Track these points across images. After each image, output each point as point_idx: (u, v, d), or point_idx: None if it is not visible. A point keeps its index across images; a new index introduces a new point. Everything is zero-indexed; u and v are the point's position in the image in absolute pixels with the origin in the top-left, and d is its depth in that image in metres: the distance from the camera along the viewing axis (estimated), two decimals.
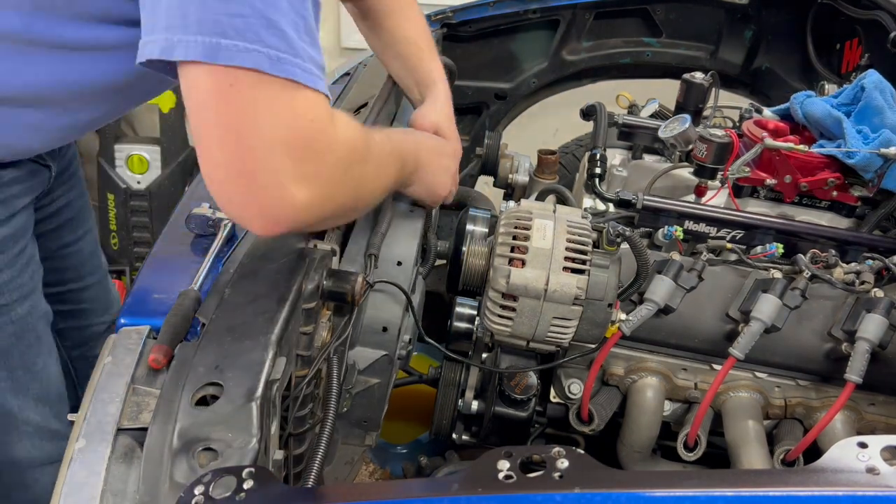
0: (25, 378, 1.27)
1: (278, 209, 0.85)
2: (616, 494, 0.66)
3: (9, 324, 1.21)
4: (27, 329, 1.25)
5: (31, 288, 1.25)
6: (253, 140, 0.81)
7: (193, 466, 0.71)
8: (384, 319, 1.19)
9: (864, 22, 1.92)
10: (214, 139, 0.83)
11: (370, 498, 0.73)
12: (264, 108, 0.81)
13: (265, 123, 0.81)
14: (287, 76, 0.81)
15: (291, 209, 0.85)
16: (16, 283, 1.21)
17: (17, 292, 1.21)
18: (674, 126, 1.56)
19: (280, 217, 0.86)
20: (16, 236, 1.20)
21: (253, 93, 0.80)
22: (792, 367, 1.24)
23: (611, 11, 2.25)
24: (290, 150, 0.83)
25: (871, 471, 0.69)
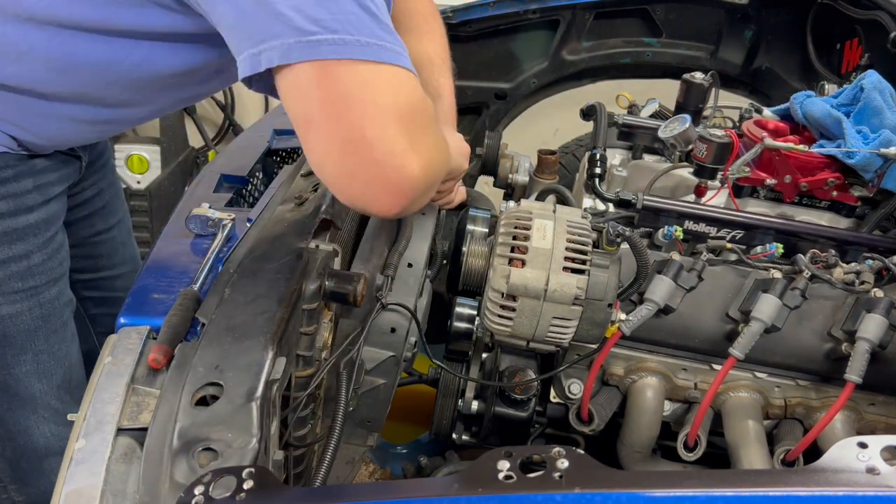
0: (49, 363, 1.30)
1: (400, 179, 0.91)
2: (616, 494, 0.66)
3: (37, 307, 1.26)
4: (53, 314, 1.29)
5: (60, 274, 1.30)
6: (364, 119, 0.88)
7: (193, 466, 0.71)
8: (393, 321, 1.19)
9: (864, 22, 1.92)
10: (324, 129, 0.90)
11: (370, 498, 0.73)
12: (368, 90, 0.88)
13: (371, 101, 0.88)
14: (379, 59, 0.88)
15: (411, 178, 0.91)
16: (45, 266, 1.26)
17: (45, 276, 1.26)
18: (674, 126, 1.56)
19: (404, 187, 0.92)
20: (48, 222, 1.25)
21: (353, 77, 0.88)
22: (792, 367, 1.24)
23: (611, 11, 2.25)
24: (399, 123, 0.89)
25: (872, 471, 0.69)
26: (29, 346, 1.27)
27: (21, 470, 1.35)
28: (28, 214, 1.22)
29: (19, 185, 1.20)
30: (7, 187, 1.18)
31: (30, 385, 1.30)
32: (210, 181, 1.33)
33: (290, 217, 1.06)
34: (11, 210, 1.20)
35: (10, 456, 1.35)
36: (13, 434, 1.33)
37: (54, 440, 1.34)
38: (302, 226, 1.01)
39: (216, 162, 1.38)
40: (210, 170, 1.36)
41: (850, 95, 1.53)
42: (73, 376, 1.35)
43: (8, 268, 1.22)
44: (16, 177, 1.19)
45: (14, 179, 1.19)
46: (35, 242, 1.24)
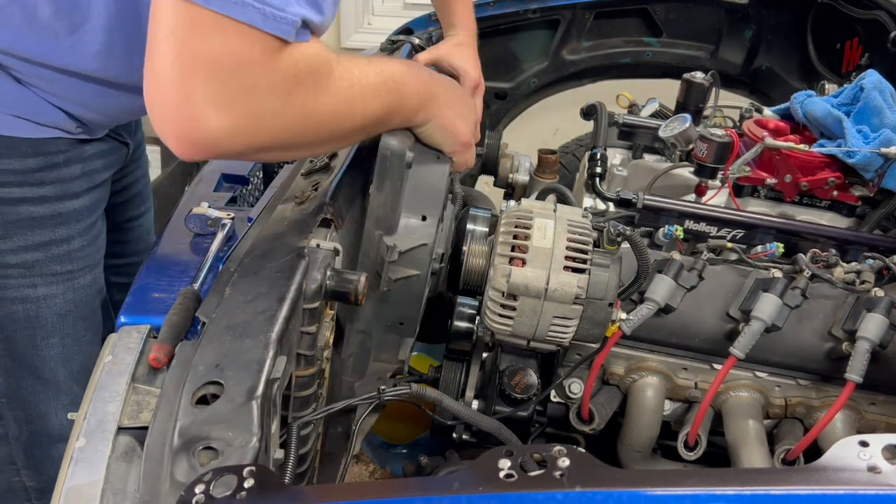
0: (73, 349, 1.33)
1: (192, 130, 0.85)
2: (617, 493, 0.66)
3: (70, 291, 1.30)
4: (85, 300, 1.33)
5: (96, 261, 1.35)
6: (180, 57, 0.82)
7: (194, 465, 0.71)
8: (424, 210, 1.15)
9: (865, 22, 1.92)
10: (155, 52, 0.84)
11: (370, 497, 0.72)
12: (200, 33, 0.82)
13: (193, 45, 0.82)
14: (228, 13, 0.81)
15: (204, 132, 0.85)
16: (84, 252, 1.30)
17: (83, 262, 1.30)
18: (674, 125, 1.56)
19: (193, 138, 0.86)
20: (91, 209, 1.30)
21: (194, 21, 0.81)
22: (792, 367, 1.24)
23: (611, 11, 2.25)
24: (211, 74, 0.83)
25: (873, 469, 0.69)
26: (58, 329, 1.30)
27: (34, 456, 1.37)
28: (74, 200, 1.25)
29: (69, 170, 1.23)
30: (57, 172, 1.21)
31: (55, 369, 1.32)
32: (210, 181, 1.33)
33: (291, 216, 1.06)
34: (59, 195, 1.23)
35: (25, 440, 1.36)
36: (32, 418, 1.34)
37: (67, 428, 1.35)
38: (302, 225, 1.01)
39: (216, 162, 1.38)
40: (210, 169, 1.36)
41: (850, 95, 1.53)
42: (91, 366, 1.36)
43: (49, 250, 1.25)
44: (66, 162, 1.22)
45: (64, 165, 1.22)
46: (77, 228, 1.28)
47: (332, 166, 1.18)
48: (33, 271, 1.25)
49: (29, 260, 1.24)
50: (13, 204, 1.20)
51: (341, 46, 3.37)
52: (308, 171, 1.20)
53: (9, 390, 1.32)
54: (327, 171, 1.17)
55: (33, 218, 1.23)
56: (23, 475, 1.39)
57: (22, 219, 1.22)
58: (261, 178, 1.48)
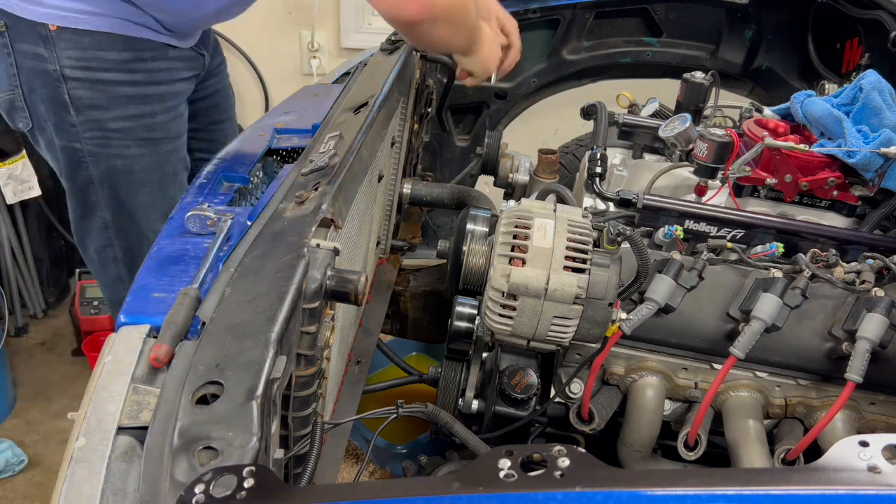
0: (160, 199, 1.77)
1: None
2: (617, 493, 0.66)
3: (155, 154, 1.75)
4: (167, 162, 1.77)
5: (177, 135, 1.79)
6: None
7: (194, 465, 0.70)
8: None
9: (865, 21, 1.92)
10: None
11: (370, 497, 0.72)
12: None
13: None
14: None
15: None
16: (166, 126, 1.75)
17: (165, 132, 1.75)
18: (674, 125, 1.56)
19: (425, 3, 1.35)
20: (173, 96, 1.75)
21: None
22: (792, 367, 1.24)
23: (611, 11, 2.25)
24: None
25: (873, 469, 0.69)
26: (146, 182, 1.75)
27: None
28: (157, 86, 1.70)
29: (154, 64, 1.68)
30: (145, 64, 1.67)
31: (146, 213, 1.77)
32: (210, 181, 1.33)
33: (291, 216, 1.06)
34: (146, 80, 1.68)
35: (129, 262, 1.83)
36: (131, 245, 1.80)
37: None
38: (302, 224, 1.01)
39: (216, 161, 1.38)
40: (210, 169, 1.36)
41: (849, 95, 1.53)
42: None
43: (139, 121, 1.69)
44: (153, 58, 1.67)
45: (151, 60, 1.67)
46: (160, 107, 1.72)
47: (332, 166, 1.18)
48: (128, 135, 1.69)
49: (124, 126, 1.68)
50: (114, 85, 1.65)
51: (341, 46, 3.37)
52: (308, 171, 1.20)
53: (115, 224, 1.79)
54: (327, 171, 1.17)
55: (128, 96, 1.67)
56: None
57: (119, 96, 1.66)
58: (261, 178, 1.48)
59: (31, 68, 1.62)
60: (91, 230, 1.81)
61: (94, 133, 1.68)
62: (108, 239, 1.81)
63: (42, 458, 2.52)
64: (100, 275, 1.91)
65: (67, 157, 1.71)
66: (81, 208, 1.79)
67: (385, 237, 1.85)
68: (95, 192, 1.75)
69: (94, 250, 1.85)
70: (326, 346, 1.03)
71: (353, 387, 1.44)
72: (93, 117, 1.66)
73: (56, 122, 1.67)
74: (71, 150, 1.70)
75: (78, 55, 1.60)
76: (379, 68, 1.63)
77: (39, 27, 1.57)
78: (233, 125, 2.14)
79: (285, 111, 1.63)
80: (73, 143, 1.68)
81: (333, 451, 1.26)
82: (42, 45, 1.59)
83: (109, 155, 1.70)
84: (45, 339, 3.07)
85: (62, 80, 1.61)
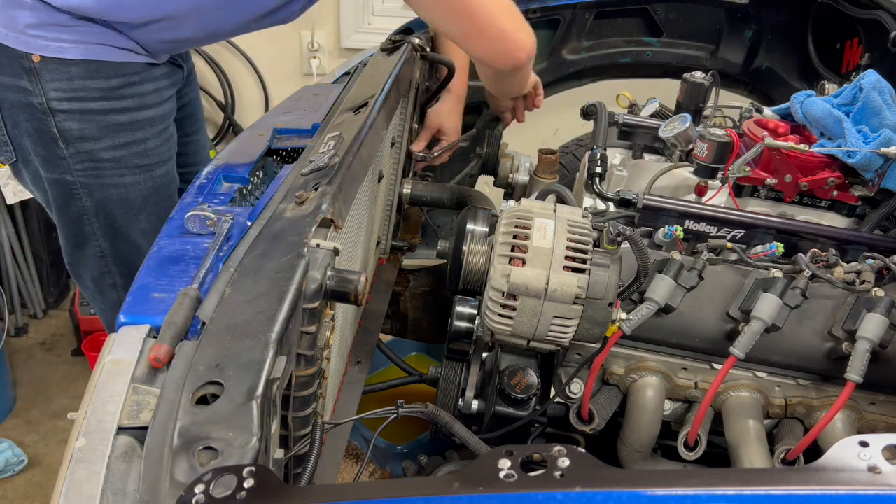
0: (157, 224, 1.64)
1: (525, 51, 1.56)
2: (617, 493, 0.66)
3: (150, 179, 1.71)
4: (162, 187, 1.74)
5: (168, 157, 1.76)
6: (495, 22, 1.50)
7: (194, 465, 0.70)
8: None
9: (865, 21, 1.92)
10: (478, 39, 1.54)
11: (370, 497, 0.72)
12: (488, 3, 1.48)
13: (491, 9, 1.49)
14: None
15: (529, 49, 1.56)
16: (158, 150, 1.71)
17: (157, 157, 1.71)
18: (674, 125, 1.56)
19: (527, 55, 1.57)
20: (163, 118, 1.71)
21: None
22: (792, 367, 1.24)
23: (611, 11, 2.25)
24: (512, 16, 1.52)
25: (873, 469, 0.69)
26: (143, 208, 1.71)
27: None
28: (147, 110, 1.66)
29: (143, 87, 1.63)
30: (134, 89, 1.62)
31: (145, 237, 1.74)
32: (210, 181, 1.33)
33: (291, 216, 1.06)
34: (136, 106, 1.63)
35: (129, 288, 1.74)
36: (131, 272, 1.70)
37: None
38: (302, 224, 1.01)
39: (216, 161, 1.38)
40: (210, 169, 1.36)
41: (849, 95, 1.53)
42: None
43: (130, 148, 1.65)
44: (140, 81, 1.62)
45: (139, 83, 1.62)
46: (151, 131, 1.68)
47: (332, 166, 1.18)
48: (121, 164, 1.65)
49: (117, 156, 1.64)
50: (104, 113, 1.60)
51: (341, 46, 3.37)
52: (308, 171, 1.20)
53: (113, 252, 1.74)
54: (327, 171, 1.17)
55: (119, 124, 1.62)
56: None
57: (110, 125, 1.61)
58: (261, 178, 1.48)
59: (13, 102, 1.57)
60: (86, 259, 1.77)
61: (86, 164, 1.63)
62: (105, 266, 1.77)
63: (42, 458, 2.52)
64: (97, 302, 1.86)
65: (58, 191, 1.67)
66: (75, 239, 1.74)
67: (385, 237, 1.85)
68: (90, 222, 1.70)
69: (91, 279, 1.80)
70: (326, 346, 1.03)
71: (353, 387, 1.44)
72: (84, 149, 1.61)
73: (44, 156, 1.62)
74: (62, 183, 1.65)
75: (65, 86, 1.55)
76: (379, 68, 1.63)
77: (22, 59, 1.52)
78: (204, 135, 2.09)
79: (285, 111, 1.63)
80: (65, 175, 1.63)
81: (333, 451, 1.26)
82: (25, 78, 1.53)
83: (103, 185, 1.66)
84: (45, 339, 3.07)
85: (49, 113, 1.56)
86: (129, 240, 1.74)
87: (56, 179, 1.65)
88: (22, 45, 1.51)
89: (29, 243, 2.98)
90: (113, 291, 1.80)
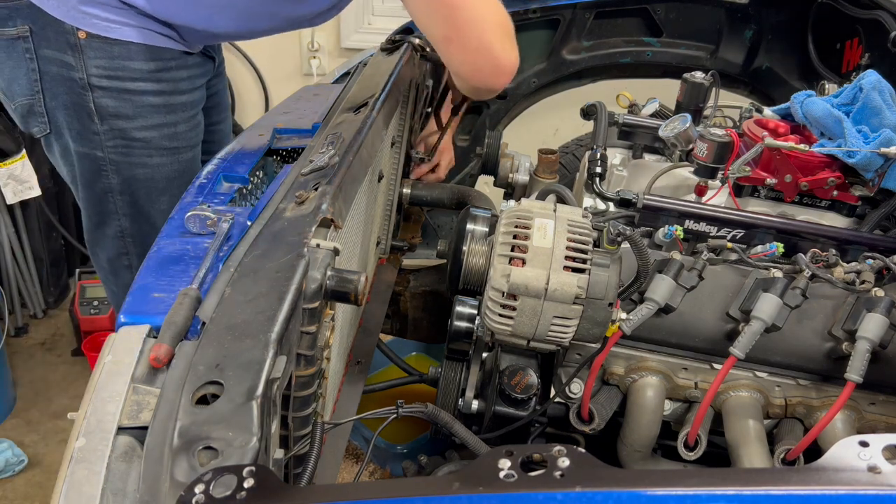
0: (176, 203, 1.72)
1: (507, 68, 1.44)
2: (617, 493, 0.66)
3: (176, 162, 1.75)
4: (187, 170, 1.77)
5: (196, 143, 1.82)
6: (483, 33, 1.39)
7: (194, 465, 0.70)
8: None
9: (865, 21, 1.92)
10: (458, 45, 1.43)
11: (370, 497, 0.72)
12: (480, 11, 1.40)
13: (483, 20, 1.40)
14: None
15: (512, 65, 1.45)
16: (187, 135, 1.76)
17: (185, 141, 1.77)
18: (674, 125, 1.56)
19: (508, 72, 1.46)
20: (193, 104, 1.77)
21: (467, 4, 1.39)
22: (792, 367, 1.24)
23: (611, 11, 2.25)
24: (502, 32, 1.42)
25: (873, 469, 0.69)
26: (167, 190, 1.75)
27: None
28: (180, 95, 1.71)
29: (178, 73, 1.69)
30: (170, 74, 1.67)
31: (165, 220, 1.70)
32: (210, 181, 1.33)
33: (291, 216, 1.06)
34: (170, 90, 1.69)
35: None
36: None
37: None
38: (302, 224, 1.01)
39: (216, 161, 1.38)
40: (210, 169, 1.36)
41: (849, 95, 1.53)
42: None
43: (161, 130, 1.70)
44: (176, 67, 1.68)
45: (175, 69, 1.68)
46: (182, 116, 1.73)
47: (332, 166, 1.18)
48: (150, 144, 1.70)
49: (147, 136, 1.69)
50: (140, 94, 1.65)
51: (341, 46, 3.37)
52: (308, 171, 1.20)
53: (133, 231, 1.78)
54: (327, 172, 1.17)
55: (153, 106, 1.67)
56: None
57: (145, 105, 1.66)
58: (261, 178, 1.48)
59: (55, 75, 1.62)
60: (105, 238, 1.81)
61: (118, 142, 1.68)
62: (123, 247, 1.81)
63: (42, 458, 2.52)
64: (110, 283, 1.90)
65: (86, 165, 1.71)
66: (97, 216, 1.79)
67: (385, 237, 1.85)
68: (114, 200, 1.75)
69: (107, 259, 1.85)
70: (326, 346, 1.03)
71: (353, 387, 1.44)
72: (117, 126, 1.66)
73: (79, 130, 1.67)
74: (91, 158, 1.70)
75: (106, 64, 1.60)
76: (379, 68, 1.63)
77: (69, 35, 1.57)
78: (229, 124, 2.15)
79: (285, 111, 1.63)
80: (95, 150, 1.69)
81: (333, 451, 1.26)
82: (70, 53, 1.59)
83: (131, 164, 1.71)
84: (45, 339, 3.07)
85: (88, 89, 1.62)
86: (150, 220, 1.78)
87: (87, 154, 1.69)
88: (71, 20, 1.56)
89: (29, 243, 2.98)
90: (127, 272, 1.84)
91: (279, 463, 0.85)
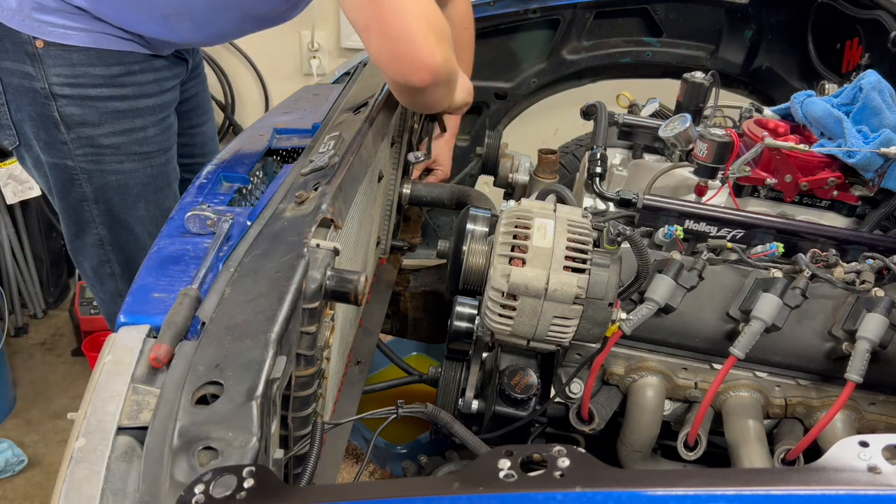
0: (155, 211, 1.77)
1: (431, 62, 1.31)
2: (617, 493, 0.66)
3: (148, 167, 1.73)
4: (161, 175, 1.77)
5: (168, 146, 1.78)
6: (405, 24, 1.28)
7: (194, 465, 0.70)
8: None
9: (865, 21, 1.92)
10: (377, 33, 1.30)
11: (370, 497, 0.72)
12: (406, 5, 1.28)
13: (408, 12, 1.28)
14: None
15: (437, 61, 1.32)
16: (158, 139, 1.73)
17: (157, 146, 1.73)
18: (674, 125, 1.56)
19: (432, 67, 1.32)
20: (162, 107, 1.73)
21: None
22: (792, 367, 1.24)
23: (611, 11, 2.25)
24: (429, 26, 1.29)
25: (873, 469, 0.69)
26: (142, 195, 1.74)
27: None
28: (147, 99, 1.68)
29: (143, 77, 1.66)
30: (134, 77, 1.64)
31: (143, 226, 1.77)
32: (210, 181, 1.33)
33: (291, 216, 1.06)
34: (136, 94, 1.66)
35: (126, 277, 1.80)
36: (128, 260, 1.79)
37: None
38: (302, 224, 1.01)
39: (216, 161, 1.38)
40: (210, 169, 1.36)
41: (849, 95, 1.53)
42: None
43: (130, 136, 1.68)
44: (140, 71, 1.65)
45: (140, 73, 1.65)
46: (151, 120, 1.70)
47: (332, 166, 1.18)
48: (120, 151, 1.67)
49: (116, 142, 1.66)
50: (104, 100, 1.62)
51: (341, 46, 3.37)
52: (308, 171, 1.20)
53: (111, 240, 1.77)
54: (327, 172, 1.17)
55: (118, 111, 1.64)
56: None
57: (110, 111, 1.63)
58: (261, 178, 1.48)
59: (17, 86, 1.60)
60: (86, 247, 1.79)
61: (87, 150, 1.65)
62: (104, 255, 1.79)
63: (42, 458, 2.52)
64: (97, 291, 1.89)
65: (58, 175, 1.69)
66: (75, 226, 1.76)
67: (385, 237, 1.85)
68: (90, 208, 1.72)
69: (90, 267, 1.83)
70: (326, 346, 1.03)
71: (353, 387, 1.44)
72: (84, 134, 1.63)
73: (46, 140, 1.65)
74: (62, 168, 1.67)
75: (67, 72, 1.58)
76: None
77: (26, 44, 1.54)
78: (212, 126, 2.11)
79: (285, 111, 1.63)
80: (65, 160, 1.66)
81: (333, 451, 1.26)
82: (29, 63, 1.56)
83: (103, 171, 1.68)
84: (45, 339, 3.07)
85: (51, 98, 1.59)
86: (128, 227, 1.76)
87: (57, 164, 1.67)
88: (27, 29, 1.53)
89: (29, 243, 2.98)
90: (112, 280, 1.83)
91: (279, 463, 0.85)
